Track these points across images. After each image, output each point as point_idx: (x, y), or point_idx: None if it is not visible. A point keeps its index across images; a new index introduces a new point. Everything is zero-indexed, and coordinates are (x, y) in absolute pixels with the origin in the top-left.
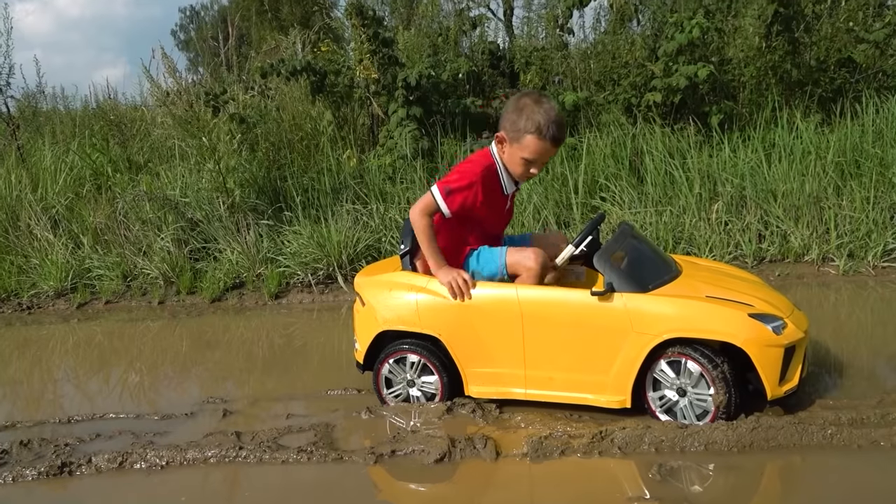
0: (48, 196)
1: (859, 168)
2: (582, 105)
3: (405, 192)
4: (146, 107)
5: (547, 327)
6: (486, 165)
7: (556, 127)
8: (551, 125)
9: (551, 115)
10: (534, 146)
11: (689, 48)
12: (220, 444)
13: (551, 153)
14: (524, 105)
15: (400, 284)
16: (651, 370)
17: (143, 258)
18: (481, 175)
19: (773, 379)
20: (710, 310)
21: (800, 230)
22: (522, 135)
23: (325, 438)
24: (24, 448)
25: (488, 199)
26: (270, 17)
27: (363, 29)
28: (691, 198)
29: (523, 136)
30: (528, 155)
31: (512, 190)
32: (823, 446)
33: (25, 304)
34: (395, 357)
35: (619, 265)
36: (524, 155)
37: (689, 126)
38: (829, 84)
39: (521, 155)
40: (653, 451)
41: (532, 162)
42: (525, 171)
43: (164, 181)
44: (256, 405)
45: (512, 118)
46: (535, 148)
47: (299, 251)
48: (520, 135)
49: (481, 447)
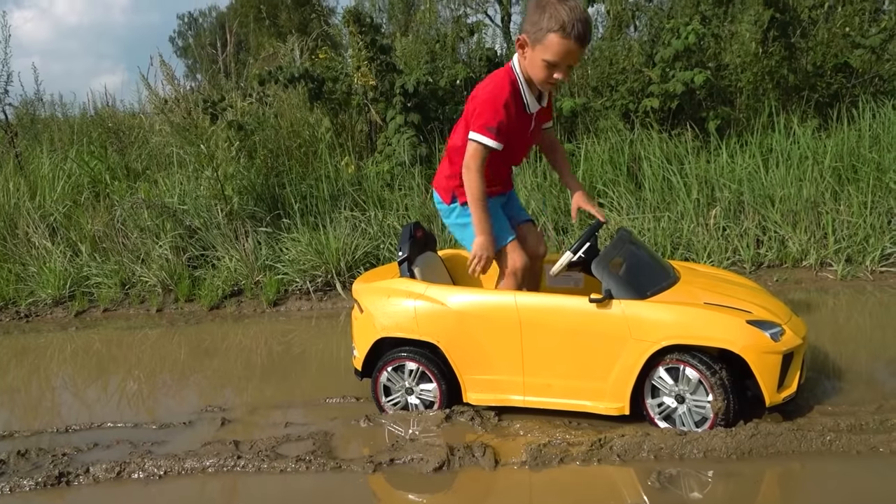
0: (46, 204)
1: (856, 173)
2: (579, 111)
3: (403, 198)
4: (144, 114)
5: (545, 334)
6: (511, 81)
7: (582, 24)
8: (576, 22)
9: (576, 12)
10: (557, 46)
11: (686, 54)
12: (218, 454)
13: (575, 55)
14: (546, 2)
15: (398, 291)
16: (649, 377)
17: (141, 266)
18: (507, 93)
19: (771, 386)
20: (709, 316)
21: (798, 235)
22: (545, 34)
23: (324, 447)
24: (21, 458)
25: (512, 119)
26: (268, 23)
27: (361, 36)
28: (689, 203)
29: (546, 36)
30: (550, 57)
31: (535, 109)
32: (822, 453)
33: (23, 313)
34: (393, 365)
35: (617, 272)
36: (546, 57)
37: (686, 132)
38: (826, 89)
39: (542, 57)
40: (652, 458)
41: (555, 65)
42: (548, 76)
43: (163, 188)
44: (255, 413)
45: (533, 18)
46: (558, 48)
47: (297, 258)
48: (542, 34)
49: (480, 455)
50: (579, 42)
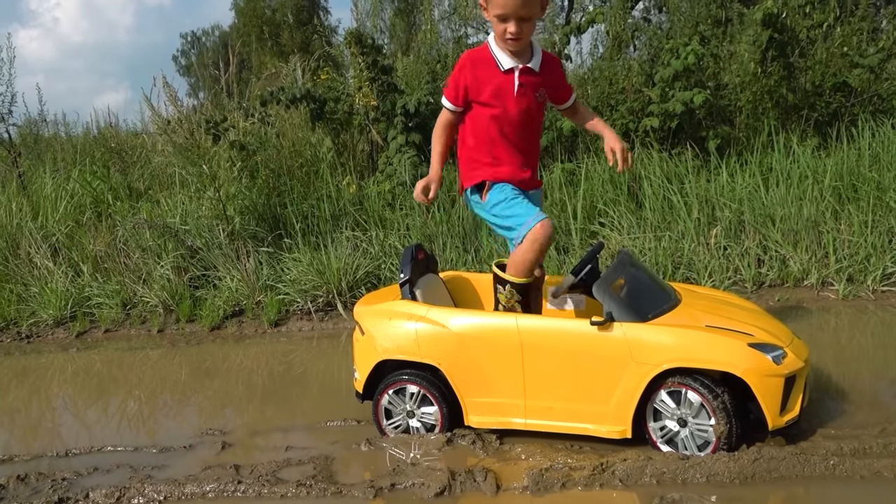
0: (48, 224)
1: (856, 192)
2: (580, 130)
3: (405, 218)
4: (147, 134)
5: (547, 357)
6: (483, 46)
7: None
8: None
9: None
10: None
11: (685, 74)
12: (218, 479)
13: (517, 5)
14: None
15: (399, 313)
16: (651, 400)
17: (142, 286)
18: (468, 55)
19: (773, 409)
20: (710, 339)
21: (798, 255)
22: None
23: (325, 471)
24: (21, 483)
25: (483, 79)
26: (271, 43)
27: (362, 57)
28: (690, 223)
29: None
30: (497, 10)
31: (511, 65)
32: (826, 477)
33: (25, 333)
34: (394, 388)
35: (618, 294)
36: (495, 11)
37: (686, 151)
38: (825, 108)
39: (493, 13)
40: (654, 482)
41: (503, 18)
42: (503, 31)
43: (165, 208)
44: (255, 437)
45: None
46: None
47: (299, 278)
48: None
49: (481, 480)
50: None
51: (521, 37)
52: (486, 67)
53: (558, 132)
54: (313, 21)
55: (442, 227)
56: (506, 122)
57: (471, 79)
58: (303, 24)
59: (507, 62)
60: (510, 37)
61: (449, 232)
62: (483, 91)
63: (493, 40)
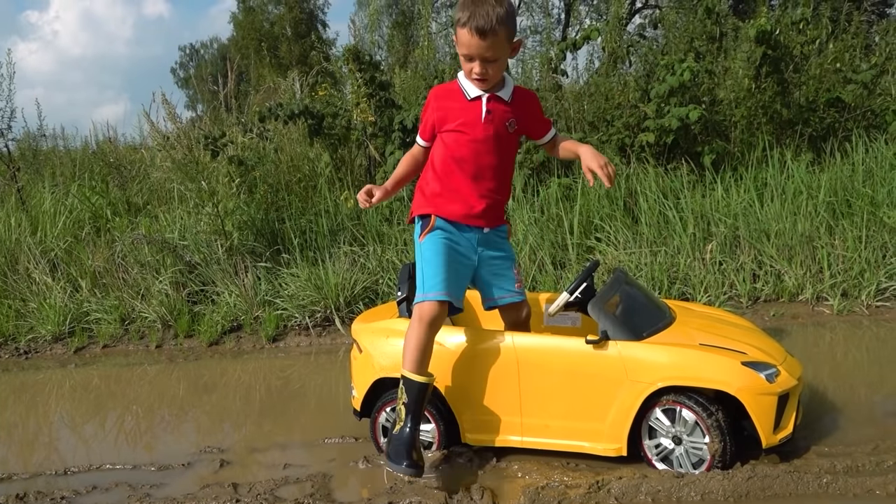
0: (47, 239)
1: (850, 207)
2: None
3: (402, 233)
4: (145, 148)
5: (542, 375)
6: (447, 83)
7: (481, 17)
8: (474, 16)
9: (478, 5)
10: (462, 38)
11: (681, 90)
12: (216, 497)
13: (480, 47)
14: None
15: (397, 332)
16: (646, 418)
17: (141, 301)
18: (435, 90)
19: (767, 427)
20: (704, 358)
21: (793, 270)
22: (456, 29)
23: (322, 490)
24: (19, 502)
25: (449, 109)
26: (269, 56)
27: (360, 73)
28: (685, 238)
29: (456, 31)
30: (462, 50)
31: (476, 94)
32: (819, 495)
33: (23, 349)
34: (392, 405)
35: (613, 313)
36: (460, 51)
37: (682, 166)
38: (819, 123)
39: (459, 52)
40: (649, 500)
41: (468, 57)
42: (469, 70)
43: (163, 224)
44: (253, 454)
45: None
46: (463, 40)
47: (297, 293)
48: (455, 30)
49: (478, 498)
50: (479, 35)
51: (487, 77)
52: (452, 98)
53: None
54: (311, 34)
55: None
56: (470, 151)
57: (438, 111)
58: (301, 36)
59: (473, 91)
60: (476, 77)
61: None
62: (449, 120)
63: (462, 75)
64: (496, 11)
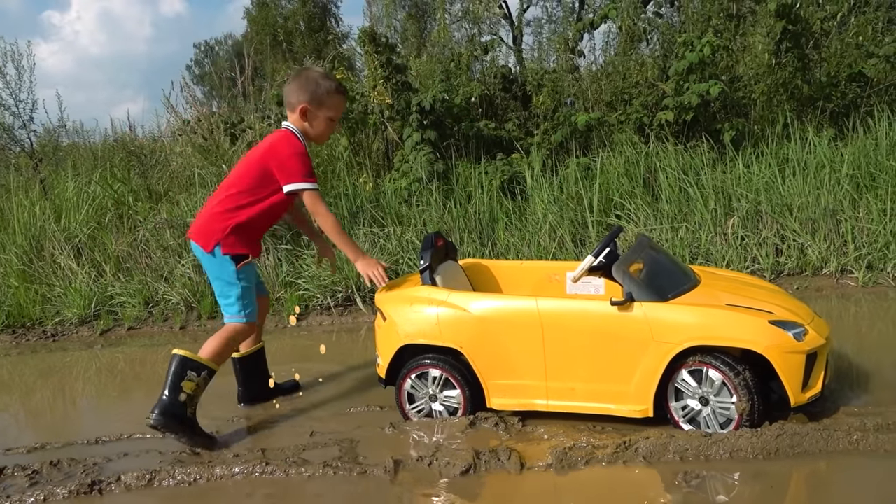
0: (71, 226)
1: (874, 180)
2: (594, 125)
3: (421, 214)
4: (165, 138)
5: (567, 338)
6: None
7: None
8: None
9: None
10: (338, 103)
11: (700, 67)
12: (246, 461)
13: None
14: (314, 76)
15: (420, 299)
16: (672, 380)
17: (164, 284)
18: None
19: (795, 386)
20: (731, 317)
21: (817, 243)
22: (326, 97)
23: (350, 453)
24: (53, 468)
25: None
26: (285, 48)
27: (376, 55)
28: (706, 213)
29: (327, 98)
30: (333, 113)
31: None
32: (850, 452)
33: (50, 332)
34: (417, 372)
35: (637, 275)
36: (330, 114)
37: (701, 143)
38: (841, 99)
39: (327, 115)
40: (677, 459)
41: (334, 120)
42: (329, 130)
43: (185, 208)
44: (280, 423)
45: (310, 89)
46: (338, 104)
47: (318, 274)
48: (323, 99)
49: (506, 459)
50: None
51: None
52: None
53: (573, 127)
54: (325, 28)
55: (459, 222)
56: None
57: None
58: (315, 31)
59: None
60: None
61: (466, 227)
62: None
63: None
64: None
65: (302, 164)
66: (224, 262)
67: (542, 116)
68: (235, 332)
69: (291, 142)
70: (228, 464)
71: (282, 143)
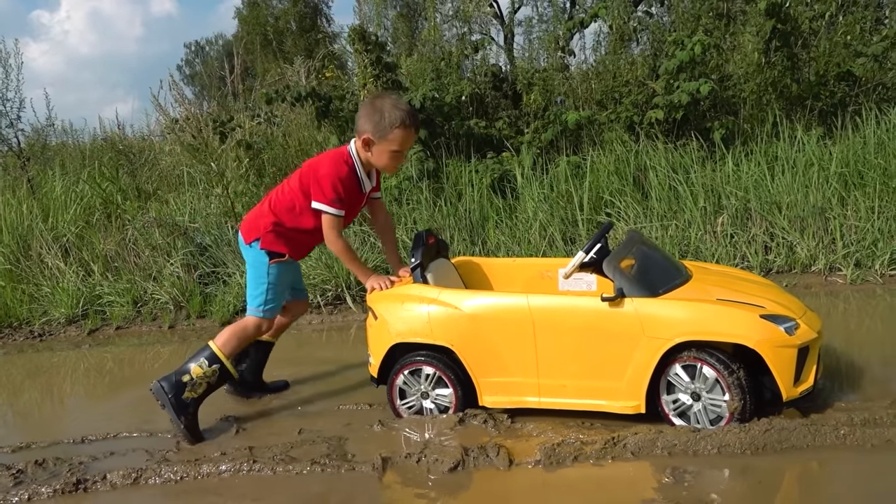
0: (59, 225)
1: (862, 178)
2: (584, 124)
3: (411, 212)
4: (154, 137)
5: (559, 335)
6: (349, 164)
7: (414, 115)
8: (410, 115)
9: (406, 107)
10: (402, 137)
11: (690, 65)
12: (234, 459)
13: (413, 140)
14: (381, 106)
15: (412, 297)
16: (665, 374)
17: (153, 284)
18: (348, 173)
19: (787, 380)
20: (722, 312)
21: (805, 241)
22: (389, 130)
23: (338, 450)
24: (38, 467)
25: (348, 197)
26: (275, 48)
27: (366, 54)
28: (696, 211)
29: (391, 132)
30: (397, 147)
31: (369, 188)
32: (837, 447)
33: (37, 332)
34: (410, 368)
35: (628, 270)
36: (393, 148)
37: (691, 142)
38: (830, 98)
39: (390, 149)
40: (666, 454)
41: (400, 152)
42: (395, 163)
43: (174, 207)
44: (268, 421)
45: (374, 119)
46: (403, 138)
47: (308, 273)
48: (387, 131)
49: (494, 455)
50: (417, 129)
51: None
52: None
53: (563, 126)
54: (317, 25)
55: (449, 220)
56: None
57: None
58: (305, 31)
59: (367, 185)
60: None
61: (456, 225)
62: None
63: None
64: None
65: (333, 188)
66: (259, 255)
67: (533, 115)
68: (251, 324)
69: (338, 164)
70: (215, 462)
71: (329, 160)
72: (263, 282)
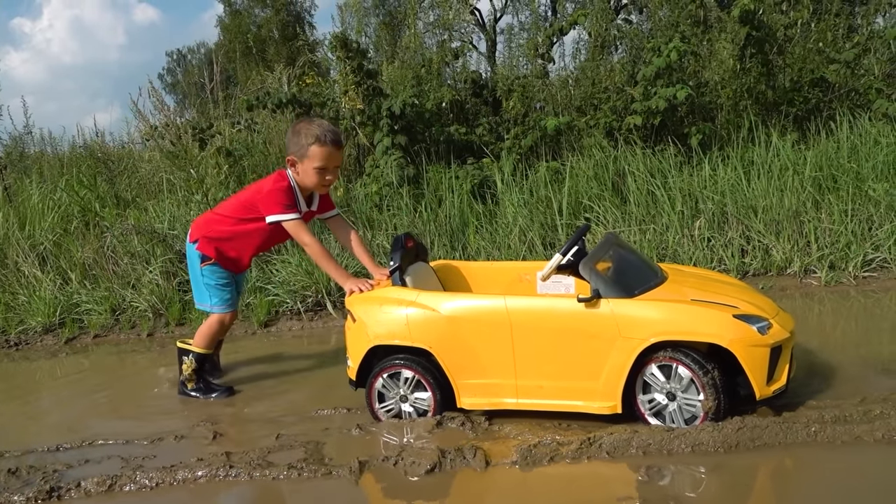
0: (36, 233)
1: (836, 182)
2: (564, 130)
3: (392, 218)
4: (133, 144)
5: (536, 336)
6: (288, 183)
7: (332, 132)
8: (327, 132)
9: (324, 125)
10: (319, 153)
11: (667, 72)
12: (210, 464)
13: (337, 156)
14: (300, 128)
15: (390, 299)
16: (641, 374)
17: (131, 291)
18: (288, 186)
19: (760, 379)
20: (696, 312)
21: (781, 244)
22: (307, 148)
23: (315, 455)
24: (11, 476)
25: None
26: (256, 56)
27: (347, 61)
28: (674, 215)
29: (308, 149)
30: (318, 163)
31: (306, 209)
32: (808, 444)
33: (13, 341)
34: (389, 371)
35: (604, 272)
36: (315, 164)
37: (669, 147)
38: (804, 104)
39: (312, 166)
40: (640, 454)
41: (324, 169)
42: (321, 179)
43: (153, 215)
44: (245, 427)
45: (294, 140)
46: (321, 155)
47: (288, 279)
48: (305, 149)
49: (471, 457)
50: (335, 145)
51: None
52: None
53: (542, 131)
54: (298, 36)
55: (430, 226)
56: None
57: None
58: (288, 39)
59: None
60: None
61: (436, 230)
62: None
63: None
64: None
65: (282, 197)
66: (193, 256)
67: (513, 121)
68: (215, 321)
69: (277, 181)
70: (191, 467)
71: (270, 179)
72: (200, 282)
